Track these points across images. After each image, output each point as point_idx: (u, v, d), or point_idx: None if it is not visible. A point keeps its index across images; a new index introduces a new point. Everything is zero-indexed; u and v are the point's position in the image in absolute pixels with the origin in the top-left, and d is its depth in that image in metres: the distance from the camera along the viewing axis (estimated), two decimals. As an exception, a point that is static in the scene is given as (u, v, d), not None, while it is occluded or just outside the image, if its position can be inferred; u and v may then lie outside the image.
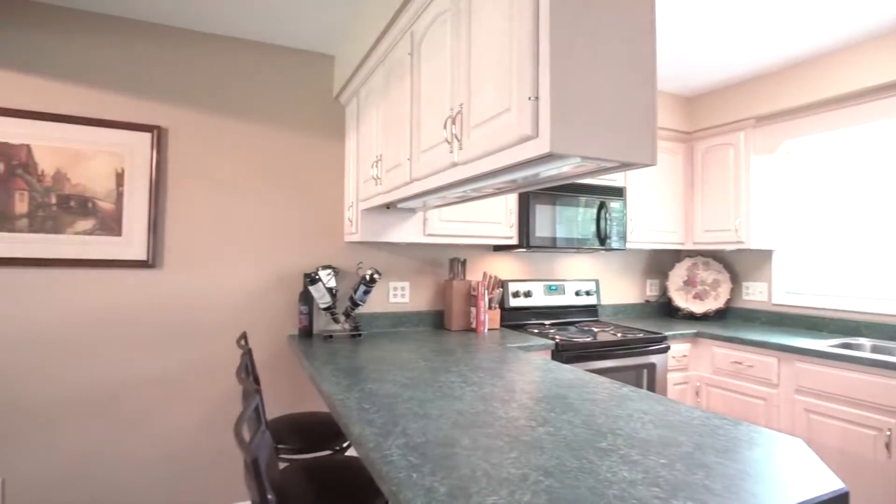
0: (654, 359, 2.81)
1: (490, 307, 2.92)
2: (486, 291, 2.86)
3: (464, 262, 2.95)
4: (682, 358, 3.00)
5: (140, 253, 2.41)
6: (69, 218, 2.31)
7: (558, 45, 1.11)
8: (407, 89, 1.87)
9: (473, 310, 2.85)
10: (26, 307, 2.26)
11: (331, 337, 2.57)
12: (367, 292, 2.52)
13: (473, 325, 2.85)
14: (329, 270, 2.60)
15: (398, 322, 2.90)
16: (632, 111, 1.20)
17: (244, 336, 2.23)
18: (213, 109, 2.59)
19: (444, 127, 1.48)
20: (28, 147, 2.26)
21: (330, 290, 2.54)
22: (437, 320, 3.00)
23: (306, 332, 2.60)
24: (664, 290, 3.80)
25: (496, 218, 2.74)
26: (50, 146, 2.29)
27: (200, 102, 2.56)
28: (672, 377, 2.96)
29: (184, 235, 2.51)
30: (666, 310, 3.78)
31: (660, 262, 3.83)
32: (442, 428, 1.25)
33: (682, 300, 3.56)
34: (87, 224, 2.33)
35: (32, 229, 2.26)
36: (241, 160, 2.63)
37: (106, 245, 2.36)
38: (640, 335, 2.82)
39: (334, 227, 2.82)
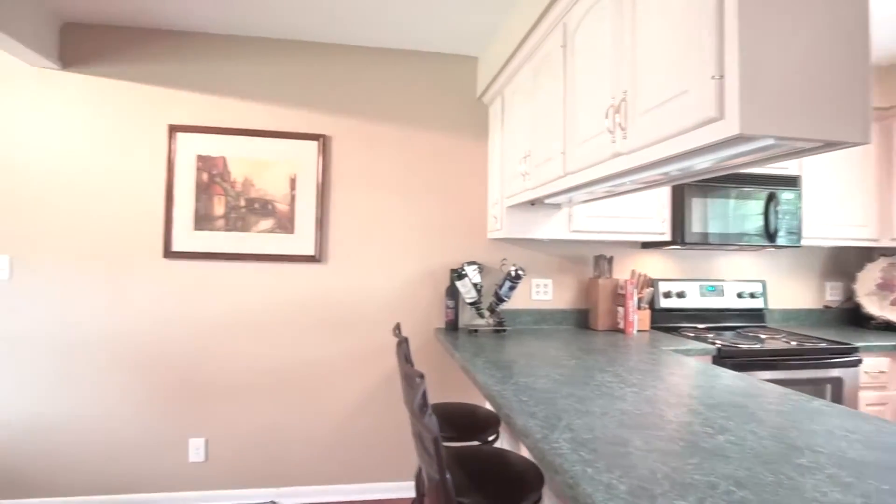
0: (839, 373, 2.43)
1: (639, 307, 2.77)
2: (636, 290, 2.71)
3: (610, 260, 2.83)
4: (878, 375, 2.55)
5: (309, 249, 2.70)
6: (254, 218, 2.66)
7: (747, 15, 1.01)
8: (559, 82, 1.84)
9: (621, 309, 2.72)
10: (221, 294, 2.65)
11: (476, 331, 2.63)
12: (512, 288, 2.53)
13: (621, 326, 2.72)
14: (475, 266, 2.66)
15: (541, 319, 2.87)
16: (837, 82, 1.05)
17: (398, 326, 2.38)
18: (368, 116, 2.80)
19: (606, 116, 1.43)
20: (224, 159, 2.65)
21: (475, 285, 2.60)
22: (581, 319, 2.92)
23: (452, 326, 2.70)
24: (850, 295, 3.27)
25: (647, 213, 2.59)
26: (240, 157, 2.66)
27: (357, 111, 2.79)
28: (865, 396, 2.54)
29: (344, 233, 2.75)
30: (852, 317, 3.25)
31: (843, 262, 3.30)
32: (608, 426, 1.21)
33: (875, 307, 3.04)
34: (267, 223, 2.67)
35: (227, 228, 2.64)
36: (392, 162, 2.81)
37: (282, 241, 2.68)
38: (822, 345, 2.46)
39: (478, 224, 2.88)
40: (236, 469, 2.66)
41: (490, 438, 2.12)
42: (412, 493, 2.77)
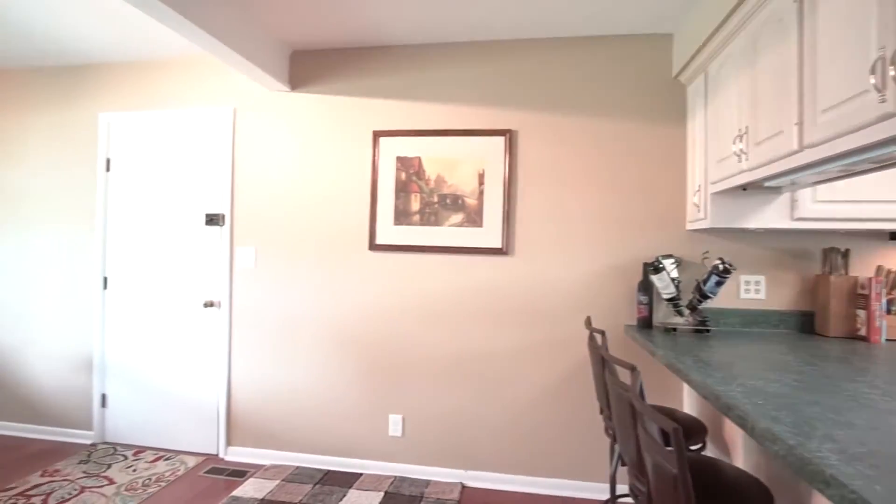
0: None
1: (888, 311, 2.27)
2: (884, 291, 2.23)
3: (845, 253, 2.38)
4: None
5: (496, 241, 2.77)
6: (446, 213, 2.82)
7: None
8: (791, 44, 1.60)
9: (862, 313, 2.27)
10: (417, 283, 2.87)
11: (674, 330, 2.43)
12: (719, 284, 2.28)
13: (862, 332, 2.26)
14: (672, 260, 2.46)
15: (750, 321, 2.54)
16: None
17: (589, 320, 2.31)
18: (554, 108, 2.77)
19: (872, 72, 1.20)
20: (420, 159, 2.86)
21: (673, 280, 2.40)
22: (804, 323, 2.51)
23: (645, 323, 2.53)
24: None
25: (901, 195, 2.11)
26: (434, 156, 2.84)
27: (543, 103, 2.78)
28: None
29: (530, 226, 2.77)
30: None
31: None
32: (883, 441, 1.00)
33: None
34: (458, 218, 2.81)
35: (422, 222, 2.84)
36: (579, 153, 2.75)
37: (470, 235, 2.79)
38: None
39: (673, 215, 2.66)
40: (429, 447, 2.85)
41: (695, 447, 1.94)
42: (599, 495, 2.67)
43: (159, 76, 3.22)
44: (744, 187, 2.14)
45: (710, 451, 2.33)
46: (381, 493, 2.65)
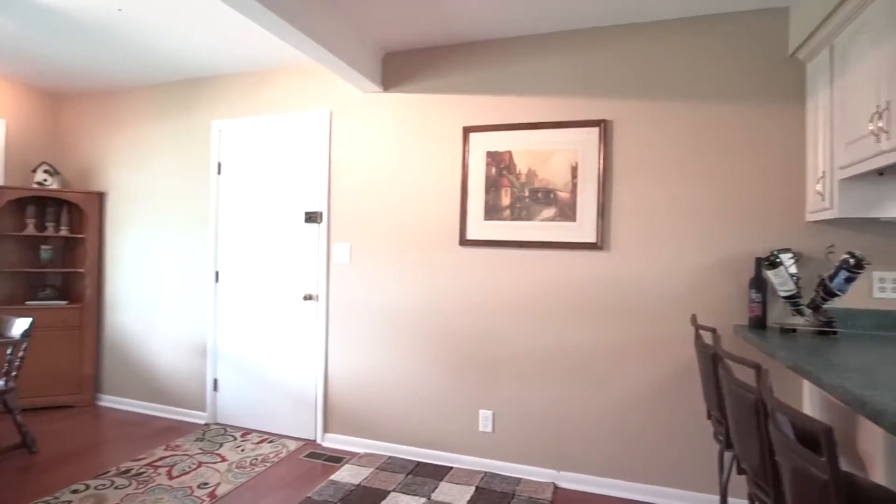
0: None
1: None
2: None
3: None
4: None
5: (590, 236, 2.68)
6: (537, 207, 2.77)
7: None
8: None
9: None
10: (507, 279, 2.84)
11: (793, 331, 2.21)
12: (849, 280, 2.05)
13: None
14: (790, 254, 2.25)
15: (887, 324, 2.26)
16: None
17: (695, 318, 2.17)
18: (652, 96, 2.63)
19: None
20: (510, 153, 2.83)
21: (792, 276, 2.19)
22: (955, 327, 2.19)
23: (758, 323, 2.33)
24: None
25: None
26: (524, 150, 2.80)
27: (639, 91, 2.65)
28: None
29: (627, 220, 2.65)
30: None
31: None
32: None
33: None
34: (549, 212, 2.75)
35: (512, 217, 2.82)
36: (679, 142, 2.59)
37: (563, 230, 2.73)
38: None
39: (788, 206, 2.43)
40: (520, 444, 2.82)
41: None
42: (705, 507, 2.49)
43: (264, 85, 3.46)
44: (881, 171, 1.91)
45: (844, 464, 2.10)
46: (472, 488, 2.65)
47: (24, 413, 3.22)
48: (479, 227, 2.88)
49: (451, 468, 2.89)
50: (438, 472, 2.83)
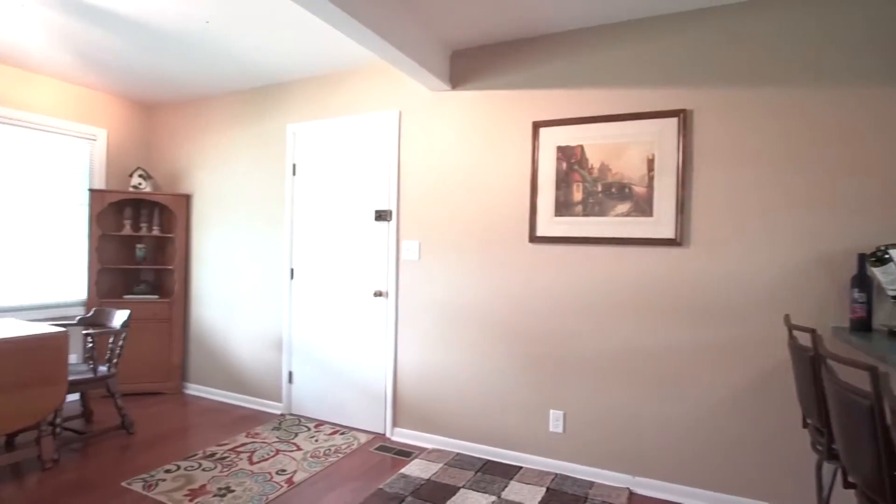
0: None
1: None
2: None
3: None
4: None
5: (668, 232, 2.56)
6: (611, 203, 2.69)
7: None
8: None
9: None
10: (579, 276, 2.77)
11: (904, 334, 2.01)
12: (975, 278, 1.83)
13: None
14: (901, 249, 2.04)
15: None
16: None
17: (788, 318, 2.02)
18: (738, 82, 2.48)
19: None
20: (581, 147, 2.76)
21: (904, 273, 1.99)
22: None
23: (862, 325, 2.13)
24: None
25: None
26: (597, 143, 2.73)
27: (722, 78, 2.50)
28: None
29: (709, 214, 2.51)
30: None
31: None
32: None
33: None
34: (624, 207, 2.66)
35: (584, 213, 2.74)
36: (768, 130, 2.42)
37: (638, 225, 2.62)
38: None
39: (899, 197, 2.21)
40: (592, 446, 2.74)
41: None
42: (798, 523, 2.31)
43: (335, 88, 3.57)
44: None
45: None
46: (543, 489, 2.60)
47: (122, 398, 3.50)
48: (550, 224, 2.83)
49: (521, 468, 2.85)
50: (508, 472, 2.80)
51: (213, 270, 4.15)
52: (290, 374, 3.72)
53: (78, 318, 3.62)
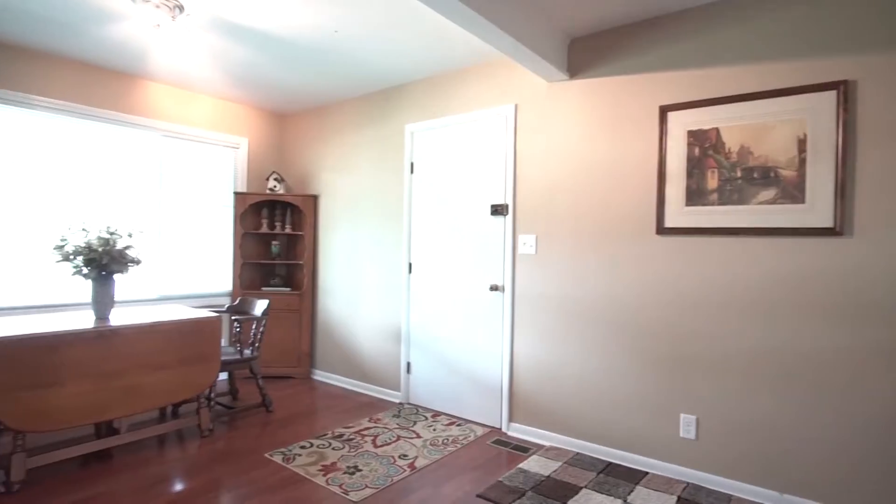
0: None
1: None
2: None
3: None
4: None
5: (824, 220, 2.27)
6: (752, 189, 2.44)
7: None
8: None
9: None
10: (713, 271, 2.55)
11: None
12: None
13: None
14: None
15: None
16: None
17: None
18: (916, 44, 2.13)
19: None
20: (717, 130, 2.55)
21: None
22: None
23: None
24: None
25: None
26: (734, 125, 2.50)
27: (893, 42, 2.16)
28: None
29: (878, 199, 2.18)
30: None
31: None
32: None
33: None
34: (768, 194, 2.40)
35: (720, 202, 2.53)
36: (960, 98, 2.05)
37: (787, 213, 2.35)
38: None
39: None
40: (730, 456, 2.50)
41: None
42: None
43: (450, 87, 3.65)
44: None
45: None
46: (674, 498, 2.43)
47: (262, 379, 3.86)
48: (680, 214, 2.64)
49: (647, 473, 2.69)
50: (632, 476, 2.66)
51: (337, 265, 4.44)
52: (409, 364, 3.86)
53: (226, 306, 4.07)
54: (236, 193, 4.53)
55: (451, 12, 2.30)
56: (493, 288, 3.33)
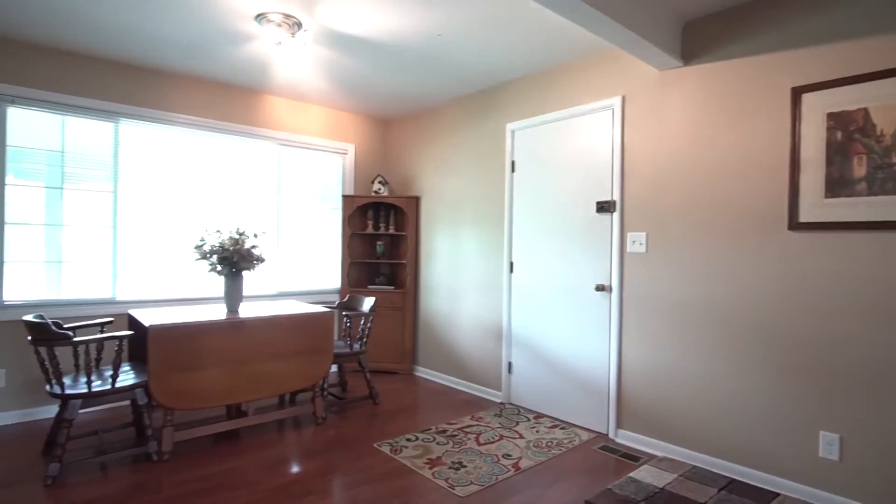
0: None
1: None
2: None
3: None
4: None
5: None
6: (913, 176, 2.12)
7: None
8: None
9: None
10: (858, 271, 2.25)
11: None
12: None
13: None
14: None
15: None
16: None
17: None
18: None
19: None
20: (865, 111, 2.24)
21: None
22: None
23: None
24: None
25: None
26: (887, 104, 2.18)
27: None
28: None
29: None
30: None
31: None
32: None
33: None
34: (934, 181, 2.07)
35: (869, 192, 2.22)
36: None
37: (960, 203, 2.01)
38: None
39: None
40: (880, 483, 2.19)
41: None
42: None
43: (551, 83, 3.58)
44: None
45: None
46: (813, 523, 2.18)
47: (370, 373, 4.05)
48: (818, 207, 2.36)
49: (778, 494, 2.43)
50: (761, 496, 2.42)
51: (439, 264, 4.53)
52: (510, 364, 3.83)
53: (336, 302, 4.31)
54: (344, 196, 4.79)
55: (561, 6, 2.25)
56: (600, 288, 3.21)
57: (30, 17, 2.94)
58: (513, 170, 3.83)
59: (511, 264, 3.83)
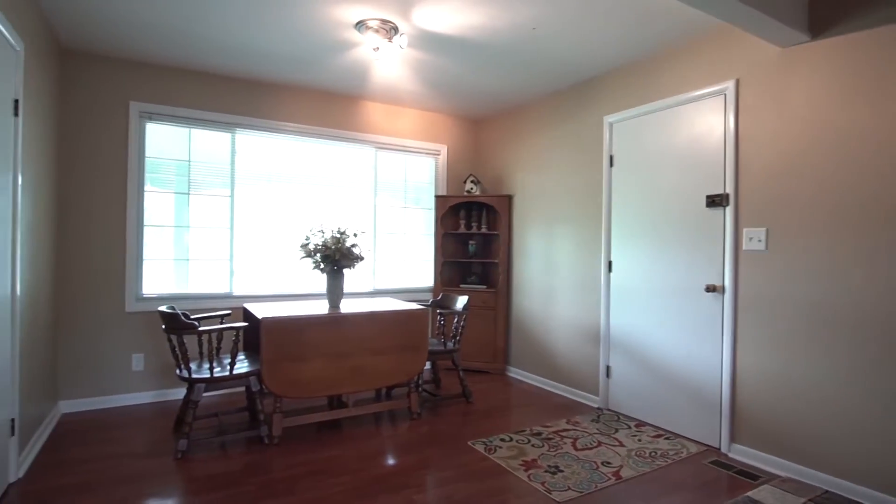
0: None
1: None
2: None
3: None
4: None
5: None
6: None
7: None
8: None
9: None
10: None
11: None
12: None
13: None
14: None
15: None
16: None
17: None
18: None
19: None
20: None
21: None
22: None
23: None
24: None
25: None
26: None
27: None
28: None
29: None
30: None
31: None
32: None
33: None
34: None
35: None
36: None
37: None
38: None
39: None
40: None
41: None
42: None
43: (652, 72, 3.36)
44: None
45: None
46: None
47: (463, 371, 4.07)
48: None
49: (937, 531, 2.09)
50: (913, 530, 2.09)
51: (531, 263, 4.45)
52: (608, 368, 3.66)
53: (430, 300, 4.39)
54: (437, 196, 4.87)
55: (665, -16, 2.10)
56: (710, 289, 2.96)
57: (163, 43, 3.30)
58: (611, 164, 3.66)
59: (609, 263, 3.66)
